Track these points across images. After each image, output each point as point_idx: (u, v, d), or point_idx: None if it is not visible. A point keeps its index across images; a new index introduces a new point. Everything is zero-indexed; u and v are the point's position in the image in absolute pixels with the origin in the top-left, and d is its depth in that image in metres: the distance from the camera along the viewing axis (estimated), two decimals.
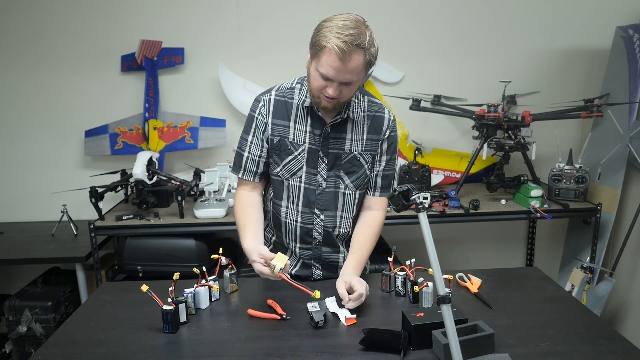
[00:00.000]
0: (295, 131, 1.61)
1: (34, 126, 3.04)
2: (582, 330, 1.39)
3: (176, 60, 2.96)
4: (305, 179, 1.64)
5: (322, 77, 1.45)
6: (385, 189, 1.72)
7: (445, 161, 3.04)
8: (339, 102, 1.52)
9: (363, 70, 1.47)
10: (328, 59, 1.41)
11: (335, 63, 1.41)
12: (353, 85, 1.49)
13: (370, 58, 1.47)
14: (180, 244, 2.55)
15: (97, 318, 1.52)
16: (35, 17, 2.92)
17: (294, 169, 1.63)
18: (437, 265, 1.17)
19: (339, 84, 1.46)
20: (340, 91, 1.47)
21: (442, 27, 3.03)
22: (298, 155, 1.62)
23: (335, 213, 1.68)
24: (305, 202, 1.66)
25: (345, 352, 1.30)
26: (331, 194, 1.66)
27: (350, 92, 1.51)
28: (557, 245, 3.26)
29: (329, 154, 1.63)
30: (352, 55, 1.41)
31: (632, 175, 2.80)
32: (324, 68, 1.43)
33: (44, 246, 2.67)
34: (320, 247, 1.72)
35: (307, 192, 1.65)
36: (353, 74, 1.44)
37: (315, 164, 1.63)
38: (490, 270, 1.80)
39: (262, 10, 2.95)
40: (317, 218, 1.68)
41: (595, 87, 3.02)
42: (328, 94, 1.47)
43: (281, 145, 1.62)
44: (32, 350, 2.54)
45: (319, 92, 1.50)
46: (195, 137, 2.94)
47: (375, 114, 1.66)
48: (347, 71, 1.42)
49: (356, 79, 1.47)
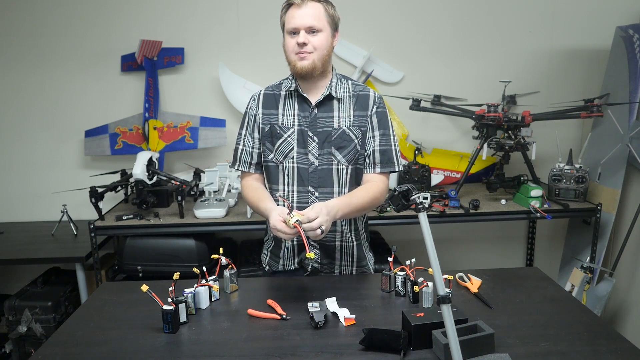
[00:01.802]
0: (284, 117, 1.72)
1: (34, 126, 3.04)
2: (582, 330, 1.39)
3: (176, 60, 2.96)
4: (298, 159, 1.70)
5: (291, 34, 1.63)
6: (385, 165, 1.73)
7: (445, 161, 3.04)
8: (314, 60, 1.62)
9: (326, 21, 1.63)
10: (291, 12, 1.62)
11: (295, 12, 1.61)
12: (320, 35, 1.62)
13: (331, 12, 1.65)
14: (180, 244, 2.55)
15: (97, 318, 1.52)
16: (36, 17, 2.92)
17: (285, 150, 1.71)
18: (437, 265, 1.17)
19: (305, 32, 1.60)
20: (309, 41, 1.61)
21: (442, 27, 3.03)
22: (288, 137, 1.70)
23: (332, 189, 1.72)
24: (300, 182, 1.71)
25: (345, 352, 1.30)
26: (324, 171, 1.71)
27: (319, 43, 1.62)
28: (557, 245, 3.26)
29: (317, 132, 1.70)
30: (309, 3, 1.61)
31: (632, 175, 2.80)
32: (289, 23, 1.62)
33: (44, 246, 2.67)
34: None
35: (301, 171, 1.71)
36: (314, 19, 1.60)
37: (306, 143, 1.70)
38: (490, 270, 1.80)
39: (262, 10, 2.95)
40: (312, 196, 1.72)
41: (595, 87, 3.02)
42: (298, 42, 1.60)
43: (272, 131, 1.72)
44: (32, 350, 2.54)
45: (293, 55, 1.63)
46: (195, 137, 2.95)
47: (360, 93, 1.73)
48: (307, 16, 1.60)
49: (319, 25, 1.61)
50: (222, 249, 1.65)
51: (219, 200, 2.60)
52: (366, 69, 3.00)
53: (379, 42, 3.00)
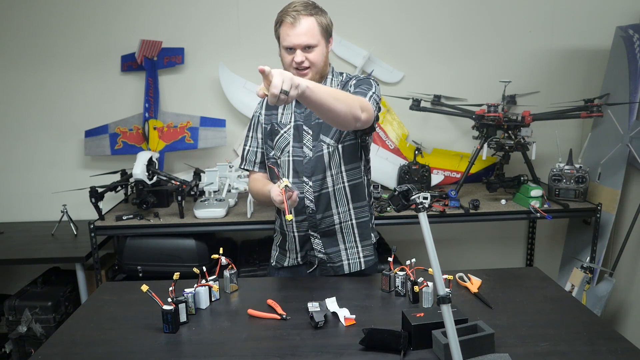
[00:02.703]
0: (282, 115, 1.79)
1: (34, 126, 3.04)
2: (582, 330, 1.39)
3: (176, 60, 2.96)
4: (293, 153, 1.76)
5: (287, 50, 1.66)
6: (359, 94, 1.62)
7: (445, 161, 3.04)
8: (311, 74, 1.66)
9: (320, 35, 1.65)
10: (285, 30, 1.64)
11: (289, 30, 1.62)
12: (315, 50, 1.65)
13: (324, 23, 1.66)
14: (180, 244, 2.55)
15: (97, 318, 1.52)
16: (36, 17, 2.92)
17: (282, 145, 1.78)
18: (437, 265, 1.17)
19: (301, 50, 1.63)
20: (306, 57, 1.64)
21: (442, 27, 3.03)
22: (284, 132, 1.77)
23: (324, 174, 1.75)
24: (295, 174, 1.76)
25: (345, 352, 1.30)
26: (316, 159, 1.74)
27: (315, 58, 1.65)
28: (557, 245, 3.26)
29: (312, 126, 1.74)
30: (302, 20, 1.62)
31: (632, 175, 2.80)
32: (284, 41, 1.65)
33: (44, 246, 2.67)
34: (314, 215, 1.77)
35: (295, 163, 1.76)
36: (308, 36, 1.62)
37: (301, 137, 1.76)
38: (490, 270, 1.80)
39: (262, 10, 2.94)
40: (307, 185, 1.76)
41: (595, 87, 3.02)
42: (296, 62, 1.64)
43: (271, 129, 1.81)
44: (32, 350, 2.54)
45: (292, 69, 1.66)
46: (195, 137, 2.95)
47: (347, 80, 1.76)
48: (302, 34, 1.62)
49: (314, 42, 1.63)
50: (222, 249, 1.65)
51: (219, 200, 2.60)
52: (366, 69, 3.00)
53: (379, 42, 3.00)
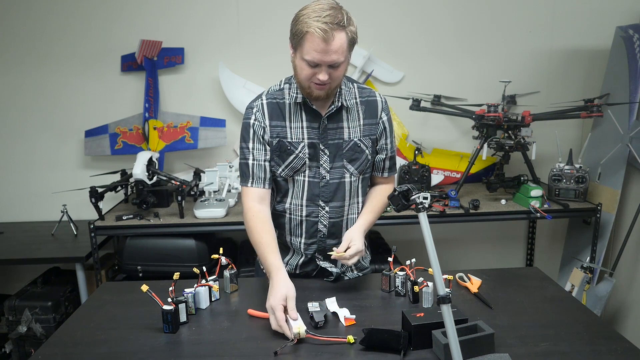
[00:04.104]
0: (292, 130, 1.61)
1: (34, 126, 3.04)
2: (582, 330, 1.39)
3: (176, 60, 2.96)
4: (309, 174, 1.64)
5: (309, 64, 1.46)
6: (392, 168, 1.78)
7: (445, 161, 3.04)
8: (330, 88, 1.53)
9: (347, 49, 1.47)
10: (312, 44, 1.43)
11: (320, 46, 1.42)
12: (341, 67, 1.49)
13: (352, 36, 1.47)
14: (180, 244, 2.55)
15: (97, 318, 1.52)
16: (36, 17, 2.92)
17: (297, 166, 1.63)
18: (437, 265, 1.17)
19: (327, 67, 1.46)
20: (330, 75, 1.48)
21: (442, 27, 3.03)
22: (299, 153, 1.62)
23: (342, 203, 1.68)
24: (309, 196, 1.65)
25: (345, 352, 1.30)
26: (335, 184, 1.66)
27: (339, 74, 1.51)
28: (557, 245, 3.26)
29: (329, 145, 1.63)
30: (335, 35, 1.42)
31: (632, 175, 2.80)
32: (309, 54, 1.44)
33: (44, 246, 2.67)
34: (324, 240, 1.71)
35: (311, 185, 1.65)
36: (339, 54, 1.45)
37: (317, 156, 1.63)
38: (490, 270, 1.80)
39: (262, 10, 2.95)
40: (322, 210, 1.67)
41: (595, 87, 3.02)
42: (319, 80, 1.47)
43: (280, 146, 1.62)
44: (32, 350, 2.54)
45: (308, 82, 1.51)
46: (195, 137, 2.94)
47: (368, 99, 1.68)
48: (332, 52, 1.43)
49: (342, 59, 1.47)
50: (222, 249, 1.65)
51: (219, 200, 2.60)
52: (366, 69, 3.00)
53: (379, 42, 3.00)
